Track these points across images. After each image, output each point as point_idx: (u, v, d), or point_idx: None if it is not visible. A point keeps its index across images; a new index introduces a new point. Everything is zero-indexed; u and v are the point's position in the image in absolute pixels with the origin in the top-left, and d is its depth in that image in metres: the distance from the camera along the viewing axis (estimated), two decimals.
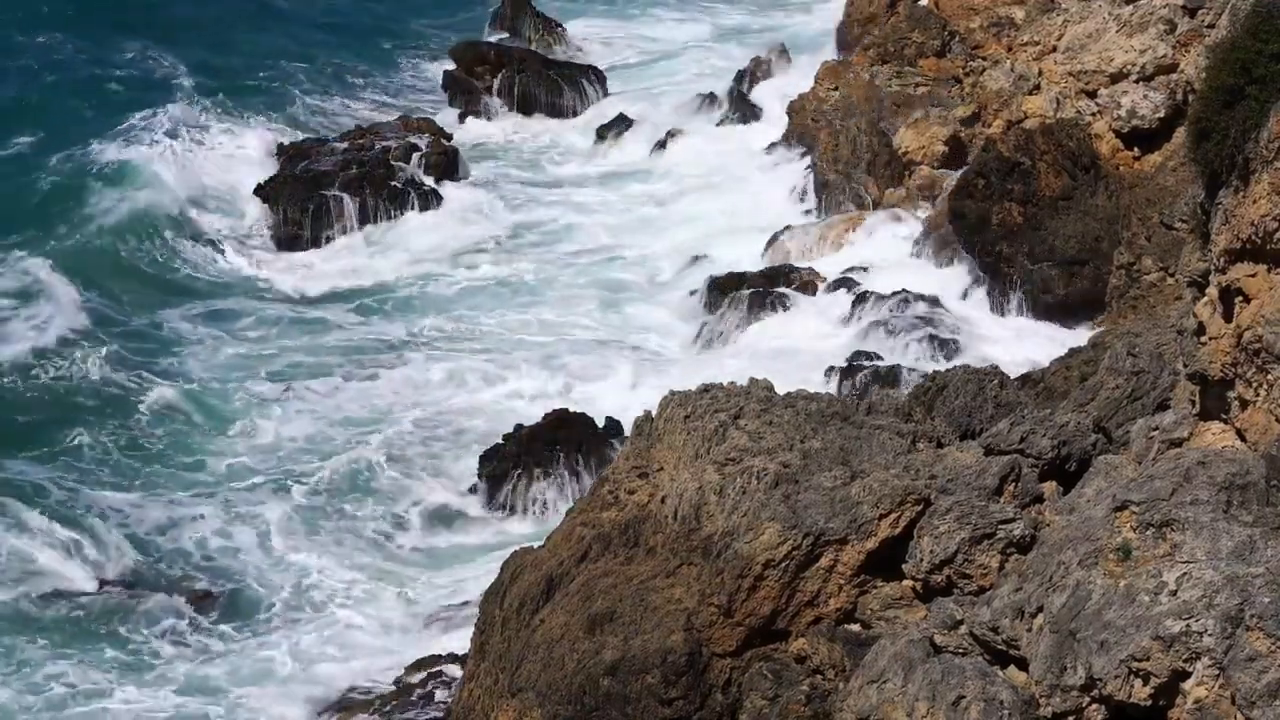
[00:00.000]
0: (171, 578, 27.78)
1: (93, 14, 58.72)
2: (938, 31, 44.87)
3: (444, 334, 37.79)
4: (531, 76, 54.19)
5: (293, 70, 56.72)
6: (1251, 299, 14.37)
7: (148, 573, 27.91)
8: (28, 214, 42.42)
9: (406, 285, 40.90)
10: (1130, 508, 13.17)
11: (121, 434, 32.20)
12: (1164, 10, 38.16)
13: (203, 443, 32.29)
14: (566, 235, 43.77)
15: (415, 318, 38.64)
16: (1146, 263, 31.32)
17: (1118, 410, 19.73)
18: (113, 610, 26.68)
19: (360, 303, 39.70)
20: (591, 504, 20.03)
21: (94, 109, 50.26)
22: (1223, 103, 14.57)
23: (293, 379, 35.01)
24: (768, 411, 18.97)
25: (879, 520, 16.46)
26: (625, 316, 38.42)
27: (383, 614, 26.85)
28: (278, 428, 32.85)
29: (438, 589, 27.66)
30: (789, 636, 16.66)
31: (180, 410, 33.38)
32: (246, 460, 31.66)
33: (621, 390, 33.98)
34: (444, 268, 41.82)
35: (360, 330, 38.05)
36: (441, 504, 30.35)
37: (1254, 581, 12.28)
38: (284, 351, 36.66)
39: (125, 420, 32.73)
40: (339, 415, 33.56)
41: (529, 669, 17.85)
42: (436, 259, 42.33)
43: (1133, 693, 12.47)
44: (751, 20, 65.50)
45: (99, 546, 28.21)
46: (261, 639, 26.06)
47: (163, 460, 31.57)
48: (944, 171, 39.70)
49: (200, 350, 36.32)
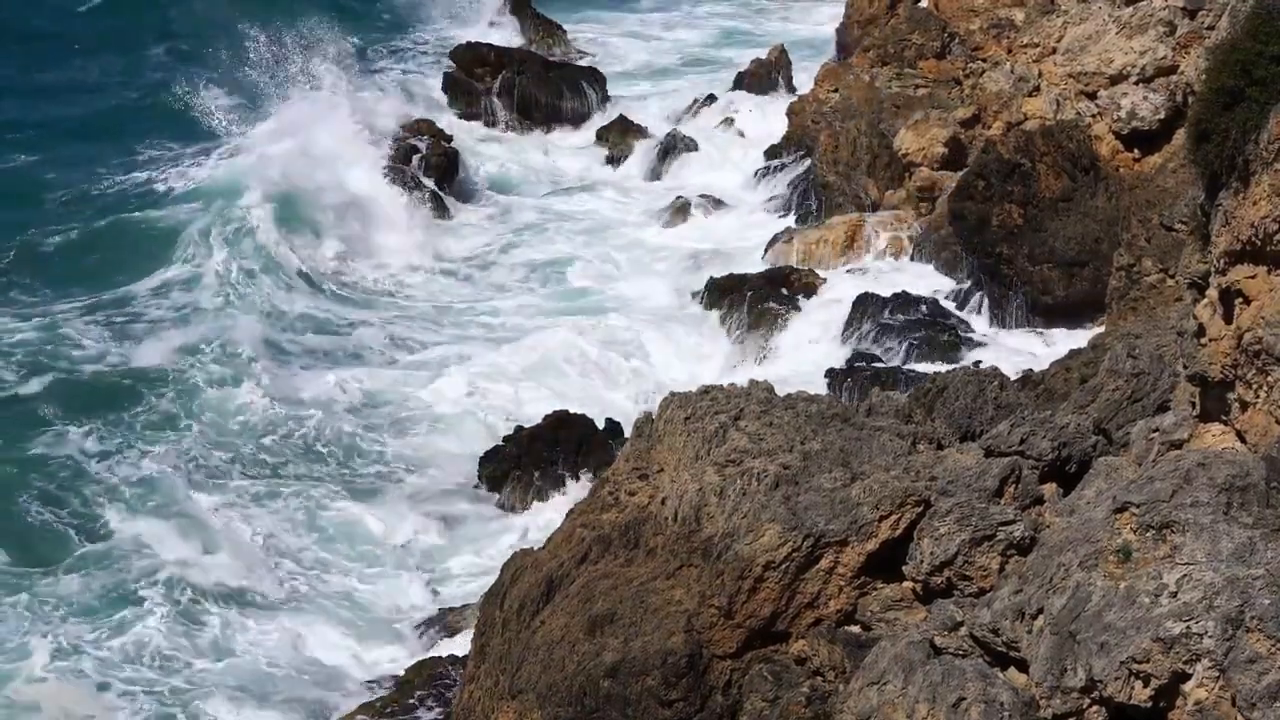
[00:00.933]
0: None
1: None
2: (937, 33, 44.88)
3: (445, 336, 37.79)
4: (531, 78, 54.22)
5: (292, 71, 56.66)
6: (1251, 300, 14.37)
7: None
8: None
9: (408, 285, 40.90)
10: (1130, 509, 13.18)
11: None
12: (1164, 12, 38.16)
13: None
14: (565, 235, 43.78)
15: (417, 317, 38.62)
16: (1146, 264, 31.29)
17: (1118, 412, 19.73)
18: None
19: (361, 303, 39.74)
20: (591, 505, 20.04)
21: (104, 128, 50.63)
22: (1223, 104, 14.56)
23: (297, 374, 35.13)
24: (768, 413, 18.98)
25: (879, 522, 16.47)
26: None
27: (382, 614, 26.83)
28: (267, 423, 32.79)
29: (438, 589, 27.66)
30: (789, 638, 16.66)
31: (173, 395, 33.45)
32: (241, 453, 31.69)
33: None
34: (443, 268, 41.82)
35: (361, 330, 38.06)
36: (441, 503, 30.32)
37: (1254, 583, 12.29)
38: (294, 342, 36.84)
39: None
40: (339, 410, 33.56)
41: (529, 671, 17.85)
42: (437, 259, 42.35)
43: (1133, 694, 12.47)
44: (752, 21, 65.55)
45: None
46: (261, 639, 26.00)
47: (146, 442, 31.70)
48: (944, 173, 39.71)
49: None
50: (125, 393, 33.54)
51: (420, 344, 37.39)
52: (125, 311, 37.72)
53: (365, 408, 33.89)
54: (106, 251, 41.12)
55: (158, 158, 48.34)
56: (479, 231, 44.40)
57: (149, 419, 32.57)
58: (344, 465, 31.58)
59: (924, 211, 39.46)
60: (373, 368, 35.98)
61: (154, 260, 40.56)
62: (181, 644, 25.55)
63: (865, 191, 40.90)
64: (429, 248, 42.85)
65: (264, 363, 35.18)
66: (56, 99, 53.79)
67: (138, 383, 33.87)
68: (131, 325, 36.91)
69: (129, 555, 27.67)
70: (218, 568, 27.44)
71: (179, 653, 25.35)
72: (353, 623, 26.47)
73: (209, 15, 57.69)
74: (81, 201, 44.81)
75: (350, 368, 35.75)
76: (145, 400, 33.21)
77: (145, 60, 58.16)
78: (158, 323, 37.12)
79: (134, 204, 44.46)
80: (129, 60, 58.12)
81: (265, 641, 25.78)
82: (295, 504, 29.88)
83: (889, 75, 44.03)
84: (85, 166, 47.34)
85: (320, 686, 24.75)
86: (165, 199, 44.72)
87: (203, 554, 27.79)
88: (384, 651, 25.75)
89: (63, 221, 43.00)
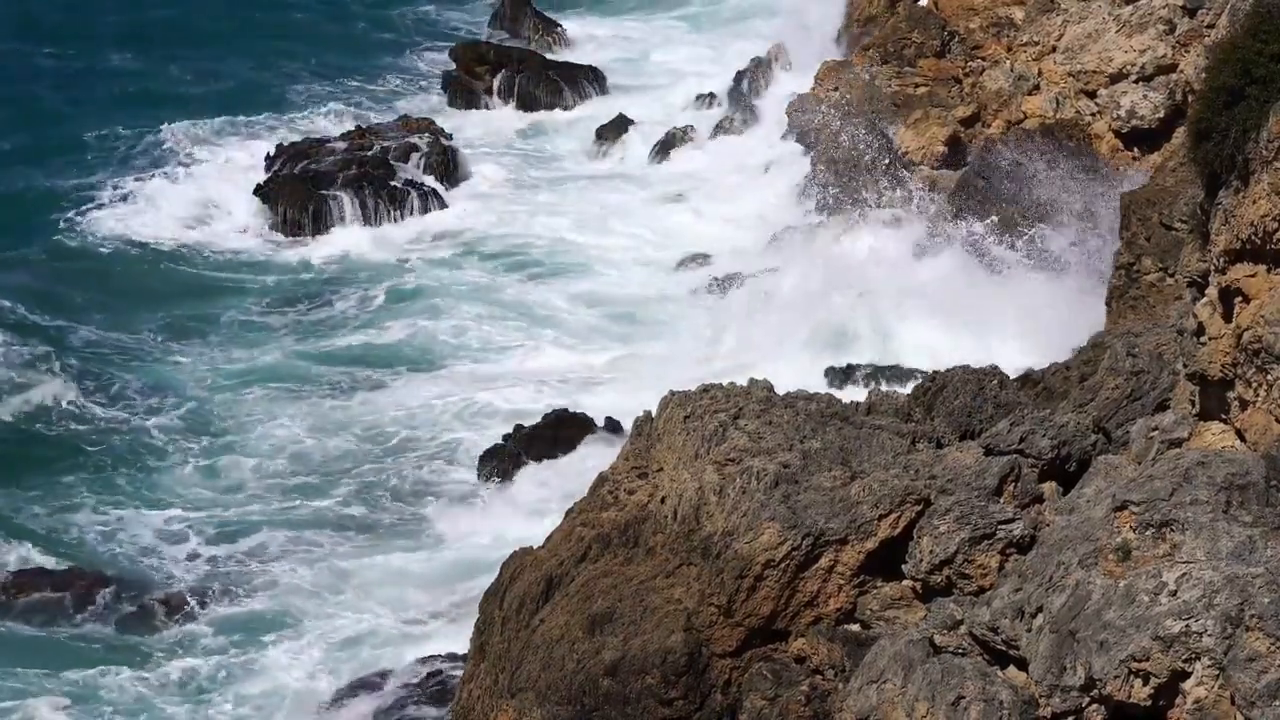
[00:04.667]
0: (166, 575, 27.83)
1: (84, 22, 58.96)
2: (937, 32, 44.84)
3: (445, 336, 37.77)
4: (531, 76, 54.20)
5: (292, 71, 56.75)
6: (1251, 299, 14.36)
7: (146, 569, 27.95)
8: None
9: (407, 285, 40.88)
10: (1130, 508, 13.18)
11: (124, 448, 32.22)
12: (1164, 10, 38.16)
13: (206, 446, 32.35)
14: (566, 235, 43.75)
15: (415, 318, 38.58)
16: (1146, 263, 31.24)
17: (1117, 410, 19.71)
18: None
19: (360, 303, 39.70)
20: (591, 504, 20.02)
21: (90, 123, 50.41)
22: (1222, 103, 14.56)
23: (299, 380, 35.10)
24: (767, 412, 18.96)
25: (879, 520, 16.47)
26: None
27: (381, 614, 26.83)
28: (274, 428, 32.82)
29: (437, 589, 27.65)
30: (789, 637, 16.66)
31: (184, 415, 33.40)
32: (241, 461, 31.70)
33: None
34: (446, 269, 41.80)
35: (361, 330, 38.05)
36: (442, 504, 30.32)
37: (1254, 582, 12.29)
38: (285, 350, 36.77)
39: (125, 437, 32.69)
40: (338, 416, 33.57)
41: (528, 669, 17.84)
42: (437, 260, 42.33)
43: (1132, 693, 12.47)
44: (751, 21, 65.48)
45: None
46: (260, 639, 26.04)
47: (164, 459, 31.60)
48: (944, 172, 39.68)
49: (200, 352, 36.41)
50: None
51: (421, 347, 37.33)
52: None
53: (365, 403, 33.98)
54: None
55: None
56: (475, 226, 44.36)
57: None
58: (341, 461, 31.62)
59: (923, 211, 39.40)
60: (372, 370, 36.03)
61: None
62: (183, 642, 25.59)
63: (864, 190, 40.86)
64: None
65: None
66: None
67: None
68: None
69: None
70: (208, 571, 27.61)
71: (179, 650, 25.37)
72: (352, 622, 26.51)
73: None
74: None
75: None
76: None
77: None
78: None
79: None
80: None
81: (263, 641, 25.83)
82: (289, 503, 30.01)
83: (889, 74, 43.99)
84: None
85: (319, 687, 24.76)
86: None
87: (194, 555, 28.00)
88: (383, 651, 25.72)
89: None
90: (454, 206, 45.49)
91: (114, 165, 47.57)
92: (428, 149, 47.31)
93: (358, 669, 25.19)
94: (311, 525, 29.50)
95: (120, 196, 45.24)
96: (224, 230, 43.61)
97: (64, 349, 35.99)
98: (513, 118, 53.11)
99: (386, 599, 27.21)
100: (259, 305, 39.28)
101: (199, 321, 38.17)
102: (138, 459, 31.59)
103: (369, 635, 26.17)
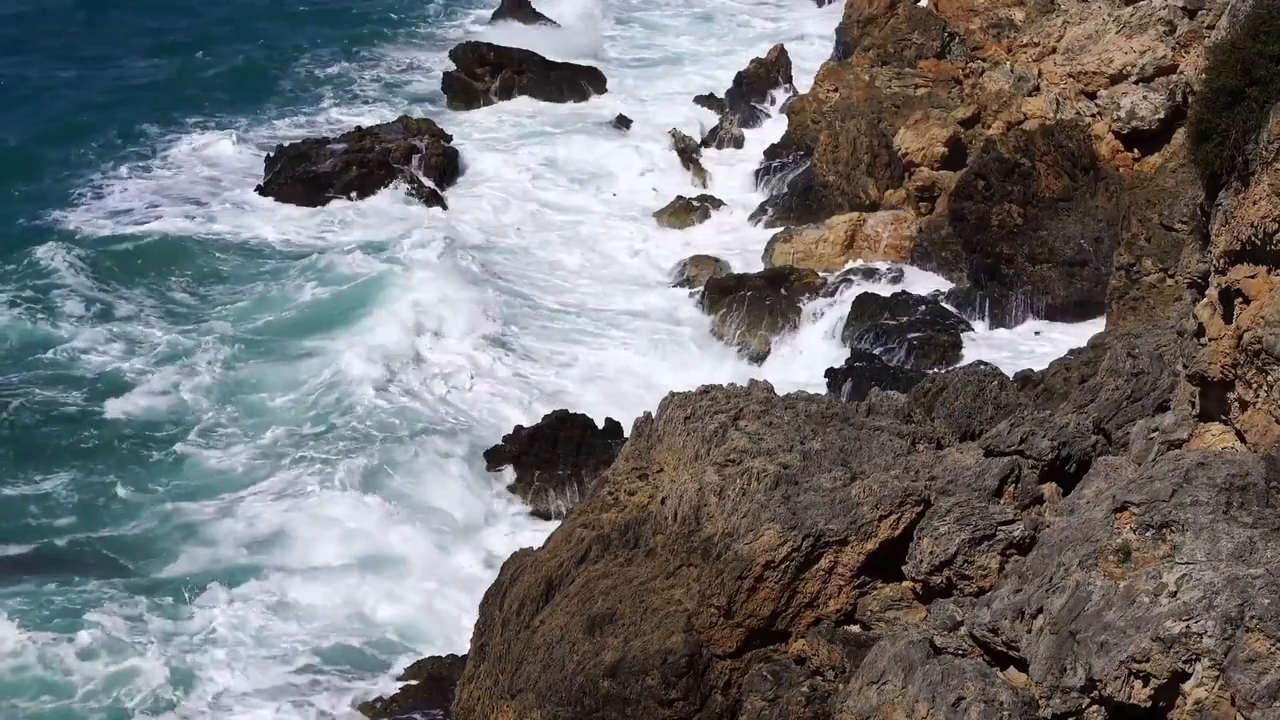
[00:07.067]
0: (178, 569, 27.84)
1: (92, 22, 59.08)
2: (937, 33, 44.90)
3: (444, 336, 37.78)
4: (531, 77, 54.26)
5: (293, 71, 56.79)
6: (1251, 300, 14.36)
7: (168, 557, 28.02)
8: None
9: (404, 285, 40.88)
10: (1130, 509, 13.18)
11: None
12: (1163, 11, 38.20)
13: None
14: (566, 234, 43.78)
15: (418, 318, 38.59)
16: (1146, 264, 31.31)
17: (1117, 411, 19.72)
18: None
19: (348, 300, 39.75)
20: (591, 505, 20.02)
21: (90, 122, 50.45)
22: (1223, 104, 14.56)
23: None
24: (767, 413, 18.96)
25: (879, 521, 16.46)
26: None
27: (381, 614, 26.80)
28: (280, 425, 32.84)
29: (437, 588, 27.62)
30: (789, 638, 16.66)
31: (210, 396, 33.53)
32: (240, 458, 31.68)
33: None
34: (445, 269, 41.78)
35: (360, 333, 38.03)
36: (441, 503, 30.29)
37: (1254, 583, 12.29)
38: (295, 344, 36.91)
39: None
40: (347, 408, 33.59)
41: (529, 670, 17.85)
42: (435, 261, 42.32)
43: (1133, 694, 12.47)
44: (751, 21, 65.53)
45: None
46: (256, 639, 25.99)
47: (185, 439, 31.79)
48: (944, 173, 39.72)
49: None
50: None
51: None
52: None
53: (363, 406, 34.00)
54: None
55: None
56: (474, 225, 44.37)
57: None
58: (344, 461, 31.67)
59: (924, 211, 39.44)
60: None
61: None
62: (183, 634, 25.64)
63: (865, 191, 40.90)
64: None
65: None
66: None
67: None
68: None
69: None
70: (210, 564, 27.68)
71: (179, 640, 25.37)
72: (350, 622, 26.48)
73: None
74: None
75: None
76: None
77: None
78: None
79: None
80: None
81: (261, 643, 25.80)
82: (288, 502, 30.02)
83: (889, 75, 44.03)
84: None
85: (318, 686, 24.74)
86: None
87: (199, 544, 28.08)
88: (382, 651, 25.70)
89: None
90: (453, 206, 45.52)
91: (113, 164, 47.66)
92: (427, 149, 47.36)
93: (357, 668, 25.18)
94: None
95: (120, 196, 45.29)
96: (224, 229, 43.63)
97: (70, 344, 36.11)
98: (512, 118, 53.16)
99: (386, 597, 27.22)
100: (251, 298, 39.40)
101: (199, 321, 38.17)
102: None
103: (368, 635, 26.13)
